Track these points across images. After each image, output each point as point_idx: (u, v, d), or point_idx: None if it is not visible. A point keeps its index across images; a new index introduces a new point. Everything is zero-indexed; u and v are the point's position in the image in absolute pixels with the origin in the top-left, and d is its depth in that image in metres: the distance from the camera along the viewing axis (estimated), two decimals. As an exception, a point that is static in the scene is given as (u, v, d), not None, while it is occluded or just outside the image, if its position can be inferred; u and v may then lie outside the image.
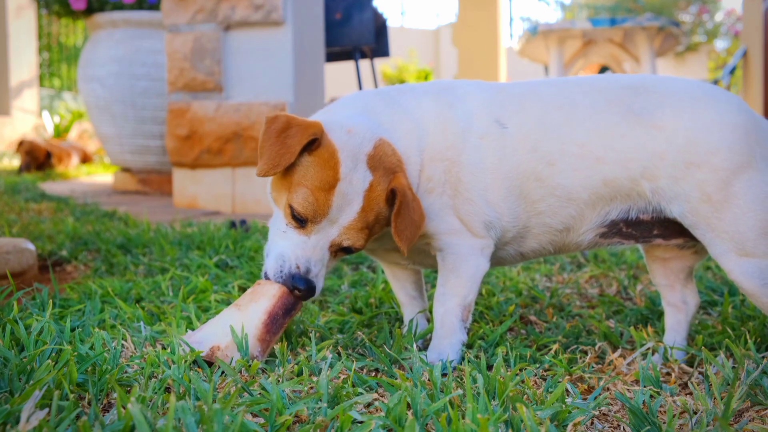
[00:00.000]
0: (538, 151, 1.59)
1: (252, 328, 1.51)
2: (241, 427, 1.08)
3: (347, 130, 1.54)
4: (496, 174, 1.60)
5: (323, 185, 1.49)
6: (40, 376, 1.29)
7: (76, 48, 13.83)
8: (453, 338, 1.63)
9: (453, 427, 1.11)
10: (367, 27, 5.96)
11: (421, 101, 1.66)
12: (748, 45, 8.82)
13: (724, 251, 1.51)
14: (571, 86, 1.65)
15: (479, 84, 1.72)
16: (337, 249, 1.55)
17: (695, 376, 1.54)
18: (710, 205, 1.49)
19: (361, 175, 1.51)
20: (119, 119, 5.77)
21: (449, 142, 1.61)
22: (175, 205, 4.89)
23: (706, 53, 15.43)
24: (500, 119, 1.61)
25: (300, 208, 1.50)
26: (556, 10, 20.55)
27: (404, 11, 38.72)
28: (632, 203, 1.58)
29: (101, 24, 5.80)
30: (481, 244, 1.64)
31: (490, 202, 1.61)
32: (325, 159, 1.49)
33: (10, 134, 11.00)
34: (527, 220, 1.64)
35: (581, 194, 1.59)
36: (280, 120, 1.52)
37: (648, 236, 1.63)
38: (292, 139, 1.48)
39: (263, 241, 3.02)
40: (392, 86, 1.76)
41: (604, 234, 1.64)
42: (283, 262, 1.53)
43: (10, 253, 2.30)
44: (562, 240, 1.67)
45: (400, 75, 11.00)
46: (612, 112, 1.57)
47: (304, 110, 4.87)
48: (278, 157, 1.48)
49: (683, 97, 1.54)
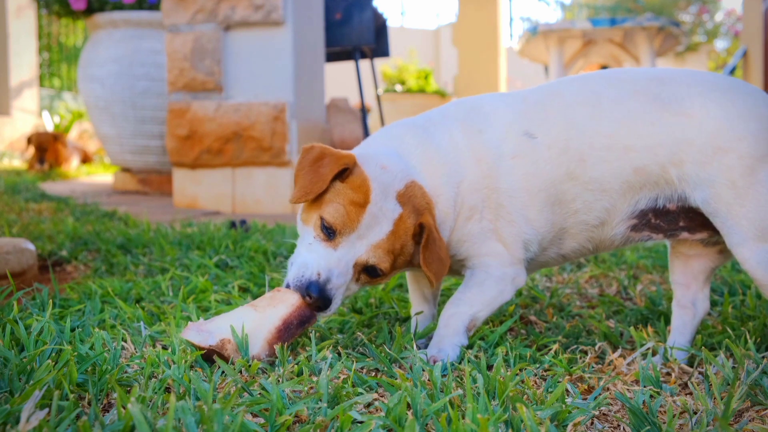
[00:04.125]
0: (569, 151, 1.63)
1: (265, 330, 1.52)
2: (241, 427, 1.08)
3: (381, 166, 1.58)
4: (532, 188, 1.65)
5: (355, 202, 1.53)
6: (40, 376, 1.29)
7: (76, 48, 13.83)
8: (455, 339, 1.64)
9: (453, 427, 1.11)
10: (367, 27, 5.96)
11: (453, 132, 1.69)
12: (748, 45, 8.82)
13: (742, 239, 1.53)
14: (593, 80, 1.69)
15: (502, 97, 1.75)
16: (362, 269, 1.57)
17: (695, 376, 1.54)
18: (734, 190, 1.52)
19: (391, 206, 1.56)
20: (119, 119, 5.77)
21: (485, 172, 1.65)
22: (175, 205, 4.89)
23: (706, 53, 15.42)
24: (528, 130, 1.66)
25: (330, 218, 1.53)
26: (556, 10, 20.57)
27: (404, 11, 38.74)
28: (660, 191, 1.62)
29: (101, 24, 5.80)
30: (513, 273, 1.69)
31: (529, 219, 1.66)
32: (357, 184, 1.54)
33: (10, 134, 10.99)
34: (564, 221, 1.68)
35: (613, 184, 1.62)
36: (315, 150, 1.58)
37: (675, 228, 1.66)
38: (325, 168, 1.54)
39: (263, 241, 3.02)
40: (424, 117, 1.77)
41: (634, 226, 1.67)
42: (305, 269, 1.55)
43: (10, 253, 2.30)
44: (599, 236, 1.71)
45: (400, 75, 10.99)
46: (639, 101, 1.60)
47: (304, 110, 4.88)
48: (311, 185, 1.53)
49: (711, 87, 1.58)
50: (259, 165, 4.69)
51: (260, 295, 2.20)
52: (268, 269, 2.51)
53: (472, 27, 11.16)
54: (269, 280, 2.26)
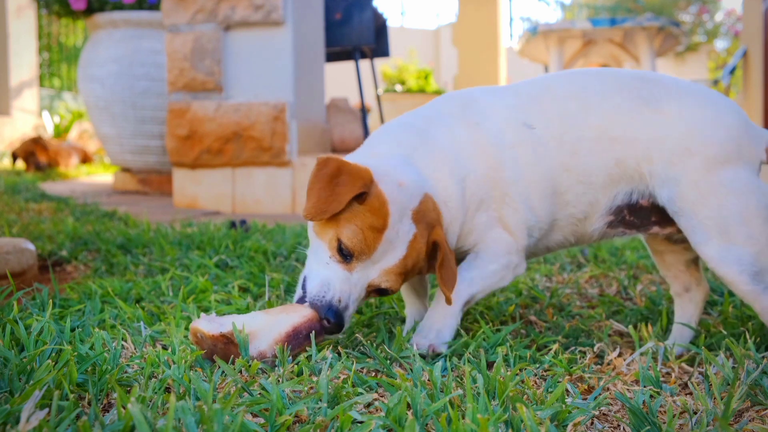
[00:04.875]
0: (564, 143, 1.68)
1: (275, 332, 1.52)
2: (241, 427, 1.08)
3: (398, 183, 1.58)
4: (533, 177, 1.69)
5: (373, 227, 1.53)
6: (40, 376, 1.29)
7: (76, 48, 13.83)
8: (450, 320, 1.69)
9: (453, 427, 1.11)
10: (367, 27, 5.96)
11: (453, 129, 1.70)
12: (748, 45, 8.82)
13: (706, 238, 1.59)
14: (580, 75, 1.75)
15: (494, 91, 1.78)
16: (373, 291, 1.60)
17: (695, 376, 1.54)
18: (697, 191, 1.59)
19: (407, 227, 1.57)
20: (119, 119, 5.77)
21: (489, 164, 1.68)
22: (175, 205, 4.89)
23: (706, 53, 15.42)
24: (526, 121, 1.70)
25: (349, 243, 1.53)
26: (556, 10, 20.57)
27: (404, 11, 38.76)
28: (634, 186, 1.68)
29: (101, 24, 5.79)
30: (516, 260, 1.73)
31: (532, 207, 1.70)
32: (376, 208, 1.54)
33: (11, 134, 10.99)
34: (557, 213, 1.73)
35: (599, 177, 1.68)
36: (332, 164, 1.54)
37: (647, 224, 1.72)
38: (342, 188, 1.51)
39: (263, 241, 3.02)
40: (420, 116, 1.77)
41: (611, 223, 1.73)
42: (327, 290, 1.55)
43: (10, 253, 2.30)
44: (581, 230, 1.76)
45: (400, 75, 10.99)
46: (623, 96, 1.67)
47: (304, 110, 4.88)
48: (326, 203, 1.51)
49: (687, 92, 1.67)
50: (259, 165, 4.69)
51: (260, 294, 2.21)
52: (268, 269, 2.51)
53: (472, 27, 11.15)
54: (269, 280, 2.26)
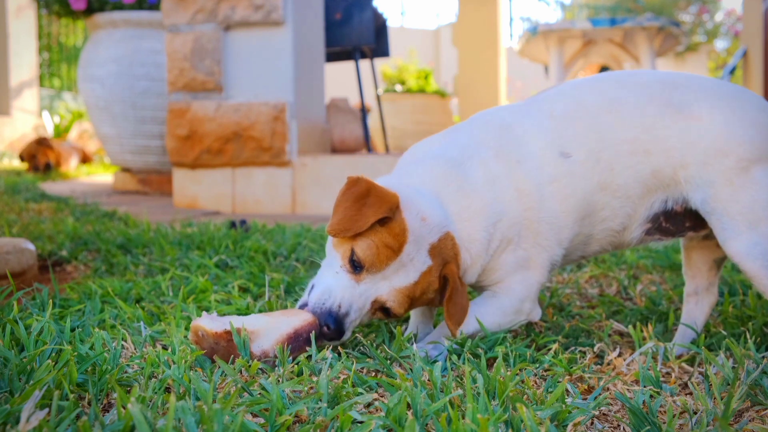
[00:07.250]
0: (600, 161, 1.69)
1: (276, 333, 1.52)
2: (241, 427, 1.08)
3: (422, 218, 1.59)
4: (569, 209, 1.70)
5: (388, 246, 1.55)
6: (40, 376, 1.29)
7: (76, 48, 13.83)
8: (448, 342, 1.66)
9: (453, 427, 1.11)
10: (367, 27, 5.96)
11: (489, 165, 1.69)
12: (748, 45, 8.82)
13: (736, 233, 1.62)
14: (611, 85, 1.75)
15: (528, 114, 1.75)
16: (379, 308, 1.60)
17: (695, 376, 1.54)
18: (731, 188, 1.62)
19: (422, 258, 1.58)
20: (119, 119, 5.77)
21: (526, 205, 1.69)
22: (175, 205, 4.89)
23: (706, 53, 15.41)
24: (563, 149, 1.70)
25: (361, 254, 1.55)
26: (556, 10, 20.56)
27: (404, 11, 38.76)
28: (669, 193, 1.70)
29: (101, 24, 5.79)
30: (531, 307, 1.75)
31: (560, 240, 1.72)
32: (395, 232, 1.56)
33: (11, 134, 10.99)
34: (591, 229, 1.74)
35: (636, 190, 1.70)
36: (362, 185, 1.57)
37: (682, 229, 1.76)
38: (369, 209, 1.54)
39: (263, 241, 3.02)
40: (457, 145, 1.74)
41: (648, 230, 1.76)
42: (328, 297, 1.57)
43: (10, 253, 2.30)
44: (620, 239, 1.79)
45: (400, 75, 10.98)
46: (655, 106, 1.68)
47: (304, 110, 4.88)
48: (351, 222, 1.54)
49: (717, 93, 1.69)
50: (259, 165, 4.69)
51: (260, 294, 2.21)
52: (268, 269, 2.51)
53: (472, 27, 11.14)
54: (269, 280, 2.26)
